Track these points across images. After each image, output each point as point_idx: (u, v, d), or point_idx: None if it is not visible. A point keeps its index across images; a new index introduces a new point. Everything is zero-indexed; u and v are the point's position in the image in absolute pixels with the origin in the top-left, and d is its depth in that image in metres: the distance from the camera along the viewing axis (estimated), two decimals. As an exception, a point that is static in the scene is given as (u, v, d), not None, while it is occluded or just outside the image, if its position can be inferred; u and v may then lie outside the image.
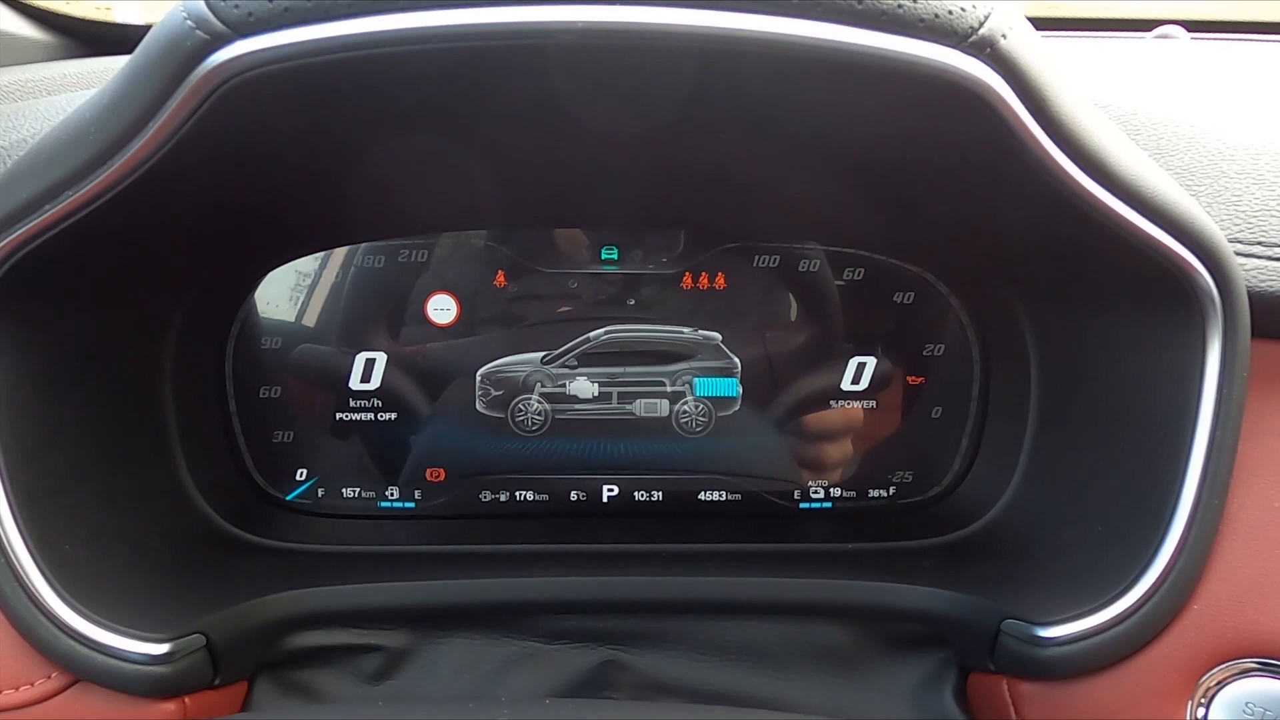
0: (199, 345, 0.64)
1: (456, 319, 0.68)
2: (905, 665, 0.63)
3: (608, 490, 0.71)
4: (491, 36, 0.38)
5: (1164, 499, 0.51)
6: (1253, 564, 0.51)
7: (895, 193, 0.57)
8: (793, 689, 0.62)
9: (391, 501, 0.70)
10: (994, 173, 0.46)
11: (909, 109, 0.42)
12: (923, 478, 0.71)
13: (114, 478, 0.57)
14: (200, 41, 0.38)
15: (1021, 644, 0.54)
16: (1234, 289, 0.49)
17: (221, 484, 0.66)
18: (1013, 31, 0.39)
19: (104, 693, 0.52)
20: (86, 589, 0.52)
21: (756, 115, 0.47)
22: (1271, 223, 0.54)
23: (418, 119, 0.48)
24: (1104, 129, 0.45)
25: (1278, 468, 0.53)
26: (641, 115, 0.47)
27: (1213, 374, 0.50)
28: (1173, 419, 0.51)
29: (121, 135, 0.41)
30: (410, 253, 0.66)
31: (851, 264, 0.68)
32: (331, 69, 0.39)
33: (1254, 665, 0.50)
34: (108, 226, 0.47)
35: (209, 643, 0.54)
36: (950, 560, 0.64)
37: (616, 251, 0.67)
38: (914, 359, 0.69)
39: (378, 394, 0.68)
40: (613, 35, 0.36)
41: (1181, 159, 0.58)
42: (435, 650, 0.63)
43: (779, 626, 0.64)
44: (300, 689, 0.61)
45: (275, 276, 0.67)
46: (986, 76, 0.39)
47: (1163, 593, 0.51)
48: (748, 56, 0.38)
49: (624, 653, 0.63)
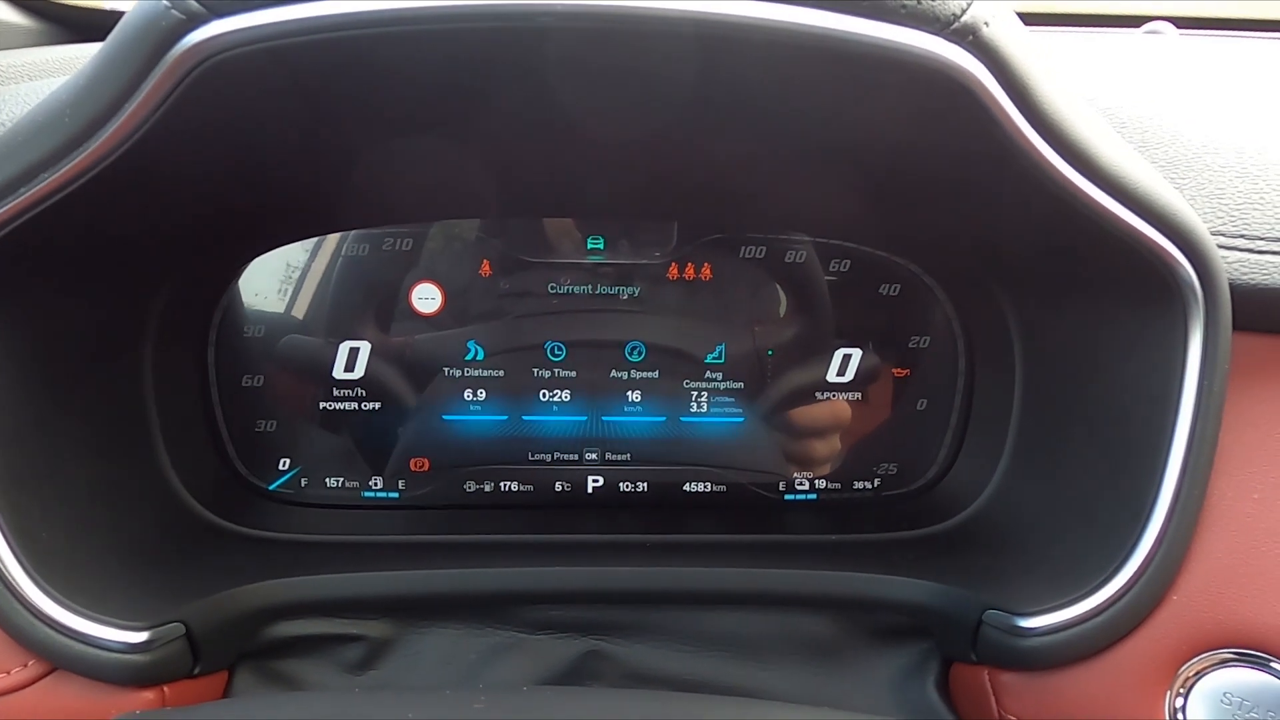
0: (181, 333, 0.64)
1: (441, 308, 0.67)
2: (888, 656, 0.63)
3: (592, 481, 0.71)
4: (474, 20, 0.38)
5: (1144, 490, 0.52)
6: (1232, 555, 0.51)
7: (881, 184, 0.57)
8: (776, 679, 0.62)
9: (375, 492, 0.70)
10: (977, 163, 0.46)
11: (892, 97, 0.42)
12: (907, 470, 0.71)
13: (93, 466, 0.57)
14: (176, 21, 0.37)
15: (1002, 634, 0.55)
16: (1216, 281, 0.49)
17: (203, 473, 0.66)
18: (996, 19, 0.39)
19: (82, 681, 0.52)
20: (64, 577, 0.51)
21: (740, 105, 0.47)
22: (1254, 216, 0.55)
23: (405, 106, 0.47)
24: (1088, 120, 0.45)
25: (1257, 460, 0.53)
26: (625, 105, 0.47)
27: (1194, 366, 0.50)
28: (1154, 411, 0.52)
29: (97, 117, 0.41)
30: (395, 241, 0.66)
31: (838, 256, 0.68)
32: (312, 51, 0.39)
33: (1231, 655, 0.50)
34: (85, 211, 0.46)
35: (188, 631, 0.54)
36: (933, 552, 0.65)
37: (603, 241, 0.67)
38: (900, 351, 0.69)
39: (361, 383, 0.68)
40: (589, 19, 0.35)
41: (1166, 152, 0.58)
42: (418, 640, 0.63)
43: (762, 617, 0.64)
44: (281, 678, 0.61)
45: (259, 264, 0.66)
46: (968, 64, 0.39)
47: (1142, 584, 0.51)
48: (729, 42, 0.38)
49: (607, 643, 0.63)
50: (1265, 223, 0.54)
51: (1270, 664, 0.50)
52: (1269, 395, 0.54)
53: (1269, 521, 0.52)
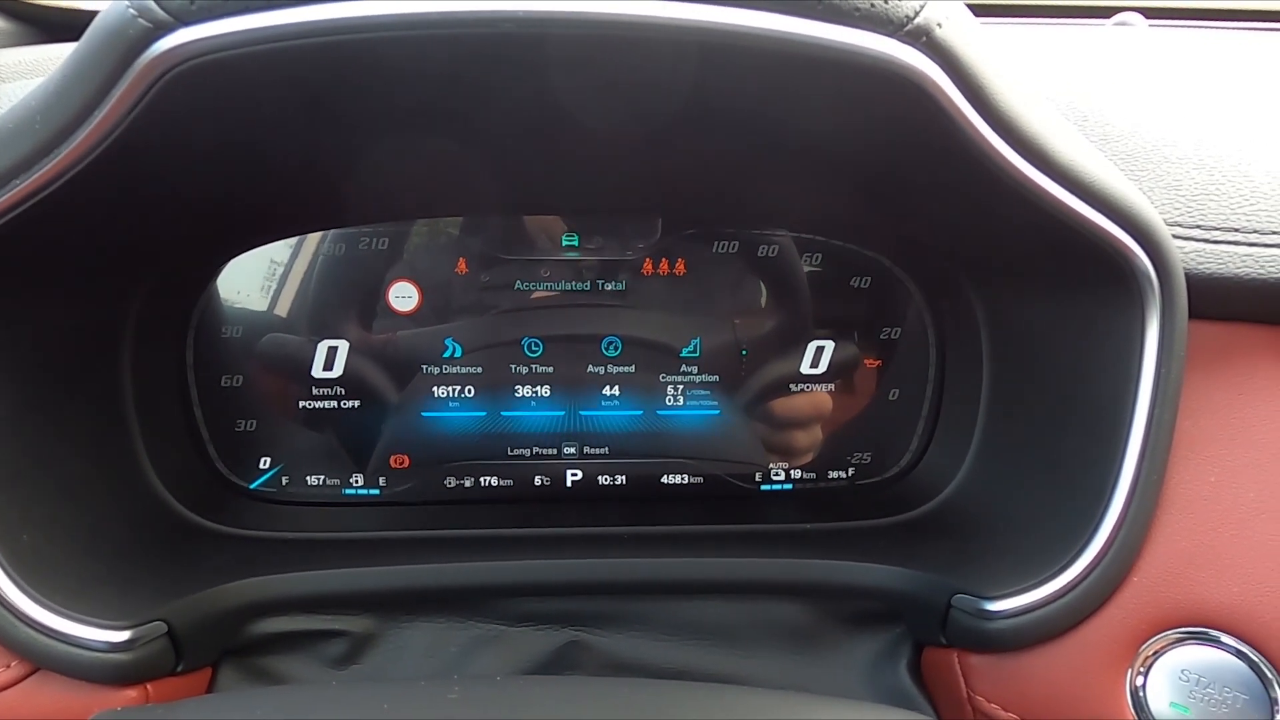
0: (159, 333, 0.64)
1: (418, 306, 0.68)
2: (861, 641, 0.64)
3: (571, 475, 0.71)
4: (439, 25, 0.38)
5: (1105, 476, 0.53)
6: (1189, 537, 0.53)
7: (852, 180, 0.58)
8: (753, 666, 0.64)
9: (356, 489, 0.71)
10: (939, 160, 0.47)
11: (851, 98, 0.43)
12: (880, 459, 0.72)
13: (73, 466, 0.57)
14: (142, 30, 0.38)
15: (970, 618, 0.56)
16: (1171, 272, 0.50)
17: (183, 472, 0.66)
18: (949, 20, 0.40)
19: (65, 681, 0.52)
20: (45, 577, 0.52)
21: (708, 106, 0.47)
22: (1210, 206, 0.56)
23: (378, 110, 0.48)
24: (1043, 115, 0.46)
25: (1214, 445, 0.55)
26: (600, 109, 0.47)
27: (1151, 355, 0.51)
28: (1113, 399, 0.53)
29: (67, 124, 0.41)
30: (371, 240, 0.66)
31: (810, 250, 0.69)
32: (280, 57, 0.39)
33: (1188, 634, 0.52)
34: (60, 215, 0.46)
35: (170, 630, 0.54)
36: (905, 539, 0.66)
37: (578, 238, 0.68)
38: (872, 342, 0.71)
39: (340, 382, 0.68)
40: (546, 24, 0.36)
41: (1125, 145, 0.59)
42: (400, 634, 0.64)
43: (739, 606, 0.65)
44: (265, 674, 0.62)
45: (237, 264, 0.67)
46: (923, 65, 0.40)
47: (1104, 566, 0.52)
48: (690, 47, 0.39)
49: (587, 633, 0.64)
50: (1220, 213, 0.56)
51: (1220, 640, 0.51)
52: (1225, 382, 0.55)
53: (1224, 504, 0.54)
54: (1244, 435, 0.55)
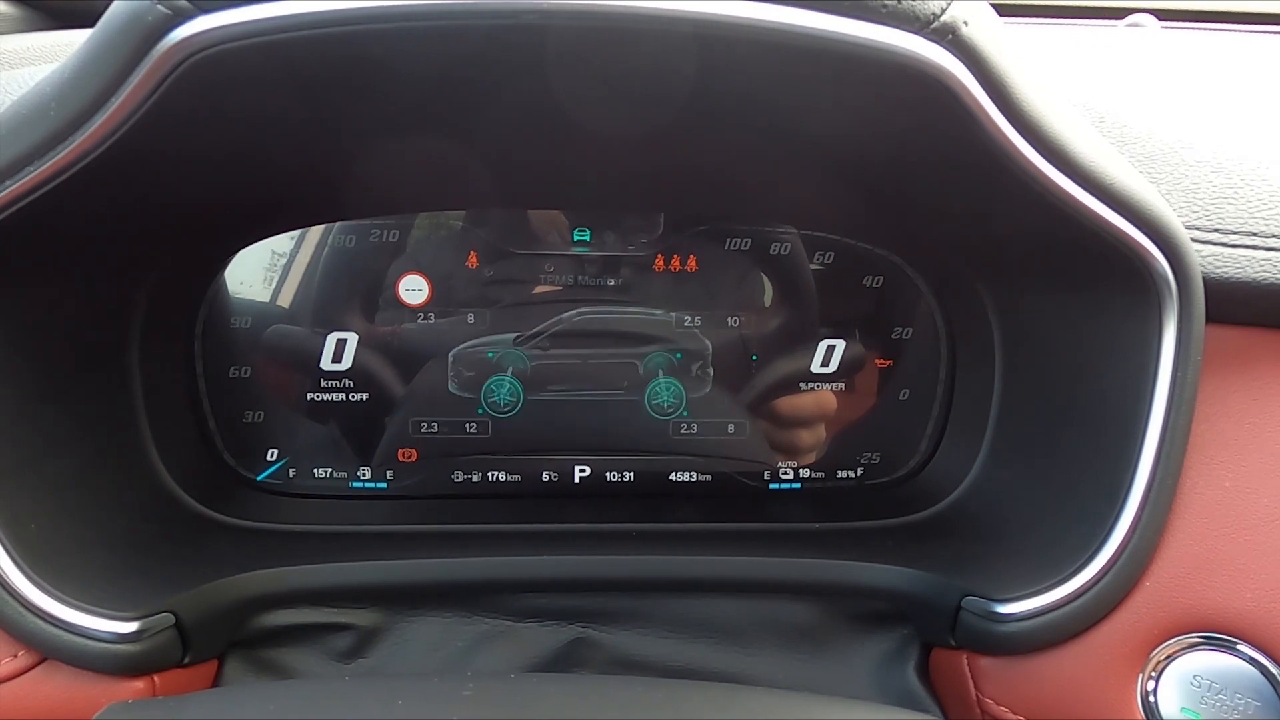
0: (168, 325, 0.64)
1: (428, 300, 0.68)
2: (869, 642, 0.64)
3: (579, 471, 0.71)
4: (455, 17, 0.38)
5: (1119, 479, 0.53)
6: (1203, 542, 0.53)
7: (866, 178, 0.58)
8: (759, 665, 0.64)
9: (363, 482, 0.71)
10: (958, 159, 0.47)
11: (873, 95, 0.43)
12: (890, 459, 0.72)
13: (81, 457, 0.57)
14: (161, 17, 0.37)
15: (980, 620, 0.56)
16: (1189, 275, 0.50)
17: (191, 464, 0.66)
18: (975, 19, 0.40)
19: (72, 671, 0.52)
20: (53, 568, 0.52)
21: (729, 101, 0.47)
22: (1228, 209, 0.56)
23: (397, 99, 0.47)
24: (1066, 116, 0.46)
25: (1229, 450, 0.54)
26: (616, 102, 0.47)
27: (1168, 358, 0.51)
28: (1129, 402, 0.53)
29: (82, 112, 0.41)
30: (382, 233, 0.66)
31: (822, 248, 0.68)
32: (299, 46, 0.39)
33: (1201, 640, 0.52)
34: (72, 203, 0.46)
35: (178, 621, 0.54)
36: (914, 539, 0.66)
37: (589, 234, 0.68)
38: (883, 342, 0.70)
39: (349, 374, 0.68)
40: (573, 16, 0.36)
41: (1143, 147, 0.59)
42: (406, 628, 0.63)
43: (747, 604, 0.65)
44: (271, 667, 0.61)
45: (246, 255, 0.66)
46: (948, 63, 0.39)
47: (1116, 570, 0.52)
48: (716, 41, 0.38)
49: (594, 630, 0.64)
50: (1238, 216, 0.55)
51: (1236, 646, 0.51)
52: (1241, 386, 0.55)
53: (1239, 509, 0.53)
54: (1260, 441, 0.54)
